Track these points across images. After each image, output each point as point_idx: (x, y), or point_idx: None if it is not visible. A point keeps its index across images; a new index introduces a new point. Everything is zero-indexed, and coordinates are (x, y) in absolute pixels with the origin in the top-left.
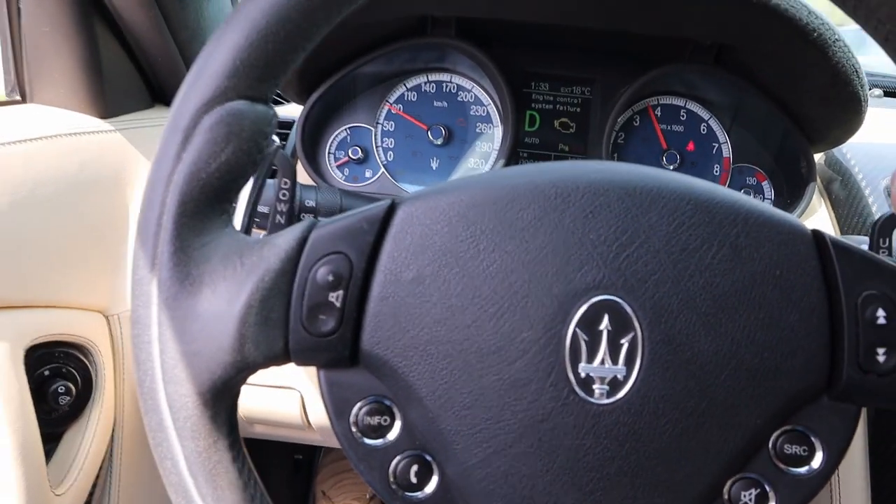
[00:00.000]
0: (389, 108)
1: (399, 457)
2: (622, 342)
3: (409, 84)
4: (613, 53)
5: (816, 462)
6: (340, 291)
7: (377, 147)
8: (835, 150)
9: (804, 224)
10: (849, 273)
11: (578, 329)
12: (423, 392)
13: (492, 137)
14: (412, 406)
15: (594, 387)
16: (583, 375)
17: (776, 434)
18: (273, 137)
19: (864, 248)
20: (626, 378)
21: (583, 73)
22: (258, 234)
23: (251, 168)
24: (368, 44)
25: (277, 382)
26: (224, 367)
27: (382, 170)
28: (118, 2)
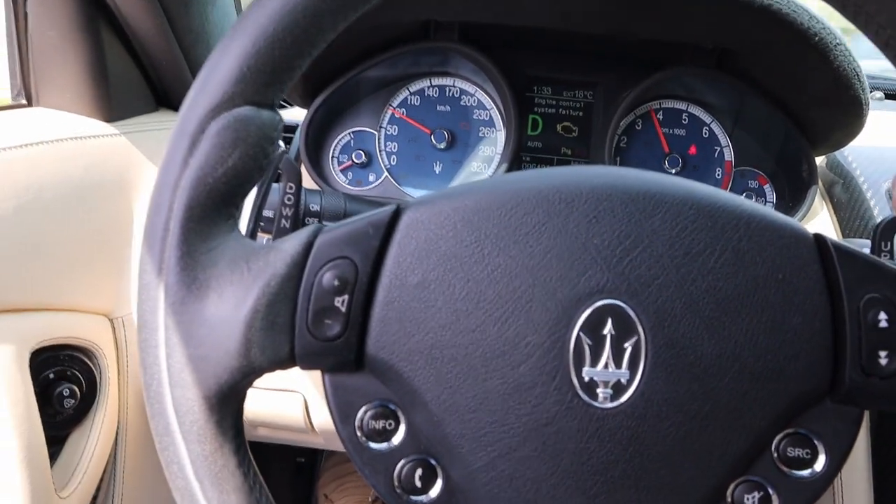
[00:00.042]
0: (393, 113)
1: (404, 461)
2: (626, 346)
3: (413, 88)
4: (615, 57)
5: (819, 465)
6: (346, 296)
7: (380, 151)
8: (836, 153)
9: (806, 228)
10: (851, 276)
11: (582, 333)
12: (428, 396)
13: (495, 141)
14: (417, 410)
15: (598, 391)
16: (586, 379)
17: (779, 437)
18: (279, 142)
19: (866, 252)
20: (630, 382)
21: (585, 77)
22: (263, 238)
23: (257, 173)
24: (372, 48)
25: (281, 385)
26: (230, 372)
27: (386, 174)
28: (123, 7)
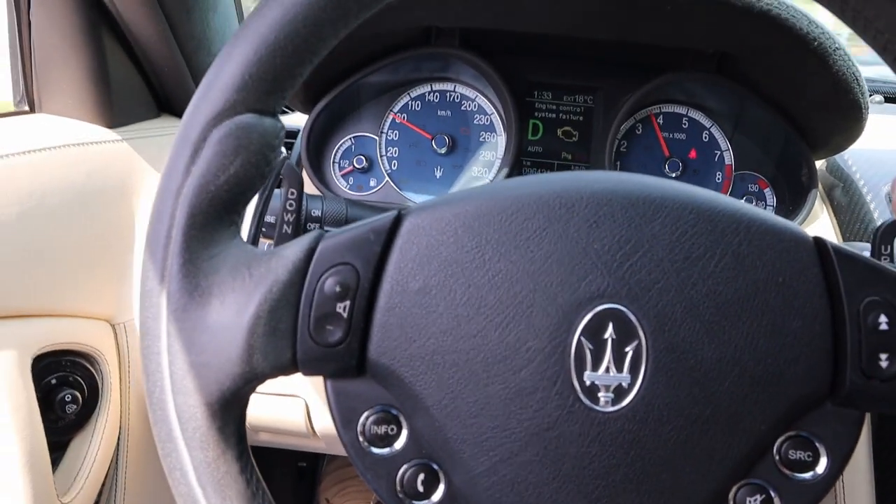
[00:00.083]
0: (394, 118)
1: (406, 465)
2: (627, 350)
3: (414, 94)
4: (615, 62)
5: (821, 467)
6: (347, 302)
7: (381, 156)
8: (836, 157)
9: (806, 231)
10: (851, 279)
11: (583, 338)
12: (430, 401)
13: (495, 146)
14: (419, 415)
15: (599, 395)
16: (588, 384)
17: (781, 440)
18: (281, 149)
19: (867, 255)
20: (631, 386)
21: (585, 82)
22: (265, 244)
23: (259, 180)
24: (373, 54)
25: (282, 390)
26: (233, 378)
27: (387, 179)
28: (126, 13)
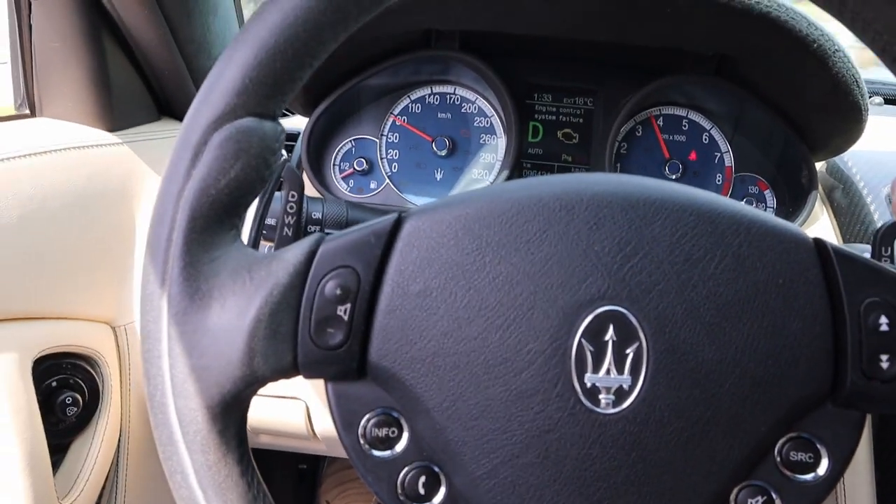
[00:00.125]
0: (394, 120)
1: (407, 468)
2: (627, 352)
3: (414, 96)
4: (615, 64)
5: (822, 469)
6: (348, 305)
7: (382, 158)
8: (836, 159)
9: (806, 233)
10: (851, 281)
11: (584, 340)
12: (431, 404)
13: (495, 148)
14: (420, 418)
15: (600, 397)
16: (589, 385)
17: (782, 441)
18: (282, 151)
19: (867, 257)
20: (632, 388)
21: (585, 84)
22: (266, 246)
23: (259, 184)
24: (373, 57)
25: (282, 392)
26: (233, 381)
27: (387, 181)
28: (126, 17)
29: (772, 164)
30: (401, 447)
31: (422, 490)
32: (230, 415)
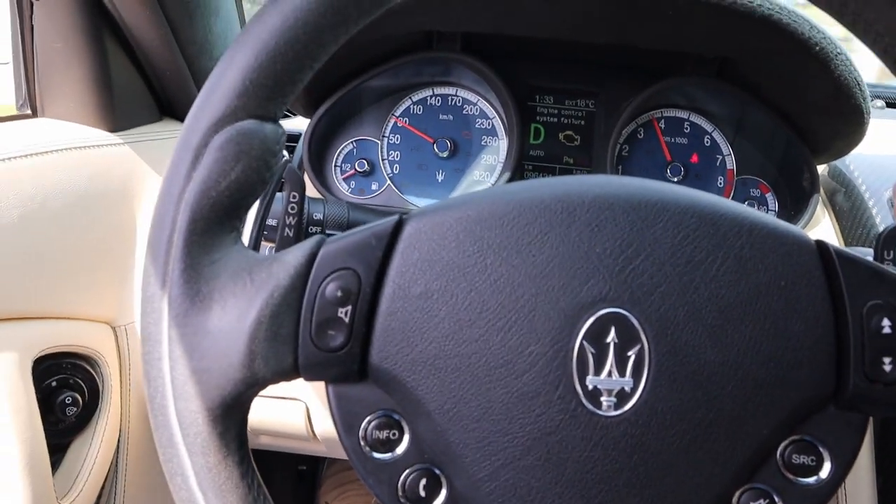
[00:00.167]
0: (395, 122)
1: (408, 470)
2: (629, 354)
3: (415, 98)
4: (617, 67)
5: (825, 472)
6: (349, 307)
7: (383, 160)
8: (838, 162)
9: (808, 235)
10: (854, 283)
11: (585, 342)
12: (432, 406)
13: (497, 150)
14: (421, 420)
15: (602, 399)
16: (590, 388)
17: (784, 444)
18: (283, 153)
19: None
20: (634, 390)
21: (587, 87)
22: (266, 247)
23: (260, 186)
24: (375, 58)
25: (283, 394)
26: (234, 384)
27: (388, 182)
28: (128, 18)
29: (773, 167)
30: (402, 449)
31: (423, 492)
32: (231, 417)
